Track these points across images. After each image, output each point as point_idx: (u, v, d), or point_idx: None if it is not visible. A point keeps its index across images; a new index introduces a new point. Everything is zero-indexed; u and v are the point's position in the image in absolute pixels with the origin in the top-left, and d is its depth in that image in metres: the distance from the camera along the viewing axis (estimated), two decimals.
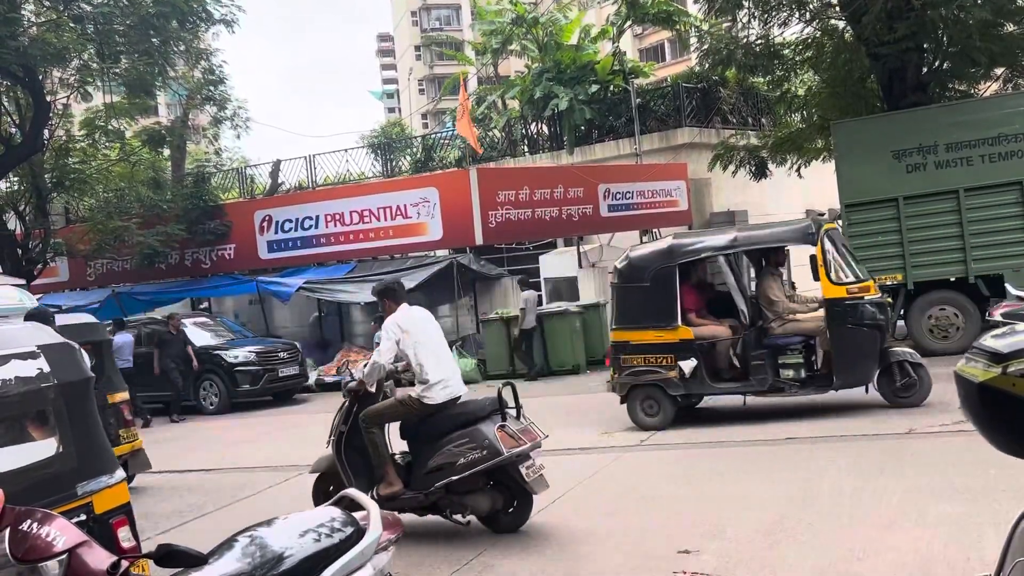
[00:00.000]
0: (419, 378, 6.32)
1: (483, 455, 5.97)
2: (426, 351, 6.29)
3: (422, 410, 6.29)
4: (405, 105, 72.35)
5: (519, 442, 6.08)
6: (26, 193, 17.89)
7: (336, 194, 19.57)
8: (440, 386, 6.25)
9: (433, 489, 6.11)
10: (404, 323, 6.32)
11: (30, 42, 14.26)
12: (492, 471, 6.06)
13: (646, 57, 47.17)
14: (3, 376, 3.88)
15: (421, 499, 6.17)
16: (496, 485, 6.17)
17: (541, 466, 6.27)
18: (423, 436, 6.32)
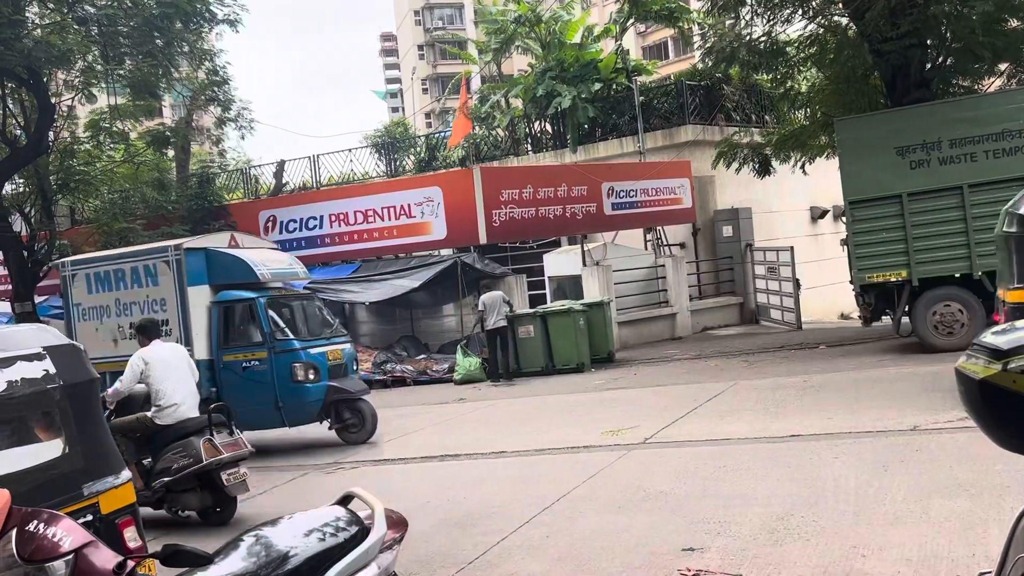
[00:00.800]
0: (154, 402, 7.63)
1: (190, 462, 7.31)
2: (163, 381, 7.58)
3: (153, 427, 7.60)
4: (409, 104, 72.39)
5: (220, 452, 7.40)
6: (31, 195, 17.95)
7: (340, 194, 19.60)
8: (171, 410, 7.57)
9: (157, 487, 7.39)
10: (147, 357, 7.62)
11: (34, 44, 14.29)
12: (201, 475, 7.35)
13: (649, 55, 47.12)
14: (9, 377, 3.90)
15: (149, 495, 7.38)
16: (205, 487, 7.46)
17: (244, 473, 7.60)
18: (158, 446, 7.62)
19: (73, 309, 11.81)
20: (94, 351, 10.63)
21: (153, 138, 18.73)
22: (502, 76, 33.48)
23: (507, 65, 36.59)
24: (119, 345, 11.24)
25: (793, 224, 22.72)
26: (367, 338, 19.53)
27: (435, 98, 60.34)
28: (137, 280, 11.34)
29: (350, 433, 10.76)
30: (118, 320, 11.38)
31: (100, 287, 11.63)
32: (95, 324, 11.62)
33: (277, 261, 12.06)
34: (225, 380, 10.77)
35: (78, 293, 11.79)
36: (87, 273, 11.77)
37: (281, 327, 10.77)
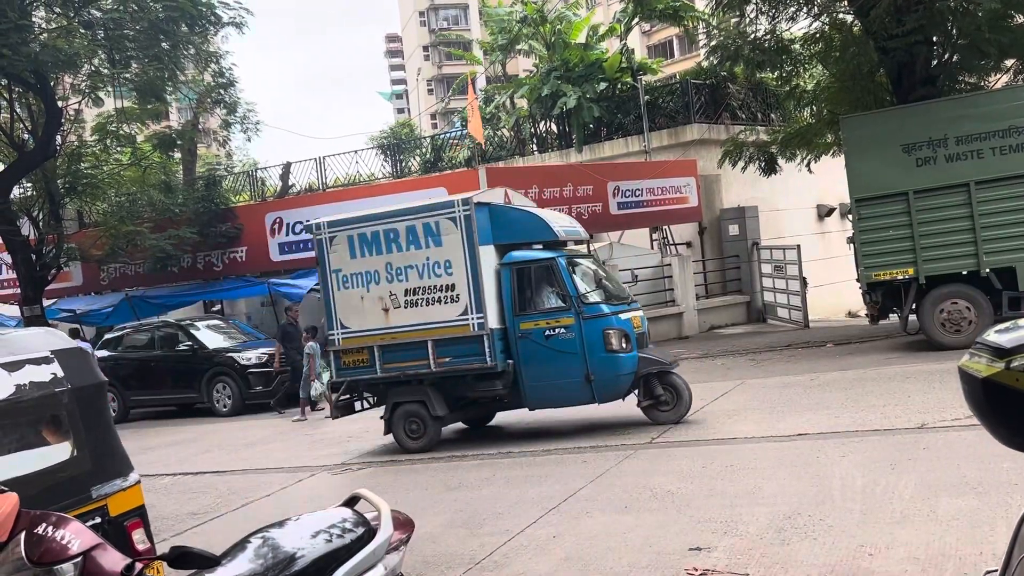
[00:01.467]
0: None
1: None
2: None
3: None
4: (414, 105, 72.46)
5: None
6: (39, 198, 18.01)
7: (346, 195, 19.61)
8: None
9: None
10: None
11: (41, 49, 14.33)
12: None
13: (654, 54, 47.07)
14: (17, 381, 3.93)
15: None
16: None
17: None
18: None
19: (331, 276, 10.38)
20: (358, 323, 10.18)
21: (160, 141, 18.76)
22: (507, 76, 33.51)
23: (512, 65, 36.63)
24: (390, 315, 10.07)
25: (800, 222, 22.66)
26: None
27: (440, 99, 60.37)
28: (414, 240, 9.98)
29: (661, 411, 9.63)
30: (389, 287, 10.06)
31: (367, 250, 10.20)
32: (359, 292, 10.22)
33: (562, 219, 11.09)
34: (524, 351, 9.69)
35: (338, 258, 10.33)
36: (350, 235, 10.29)
37: (587, 290, 9.69)
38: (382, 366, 10.08)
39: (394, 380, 10.09)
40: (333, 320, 10.38)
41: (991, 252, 12.28)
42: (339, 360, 10.41)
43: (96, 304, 20.42)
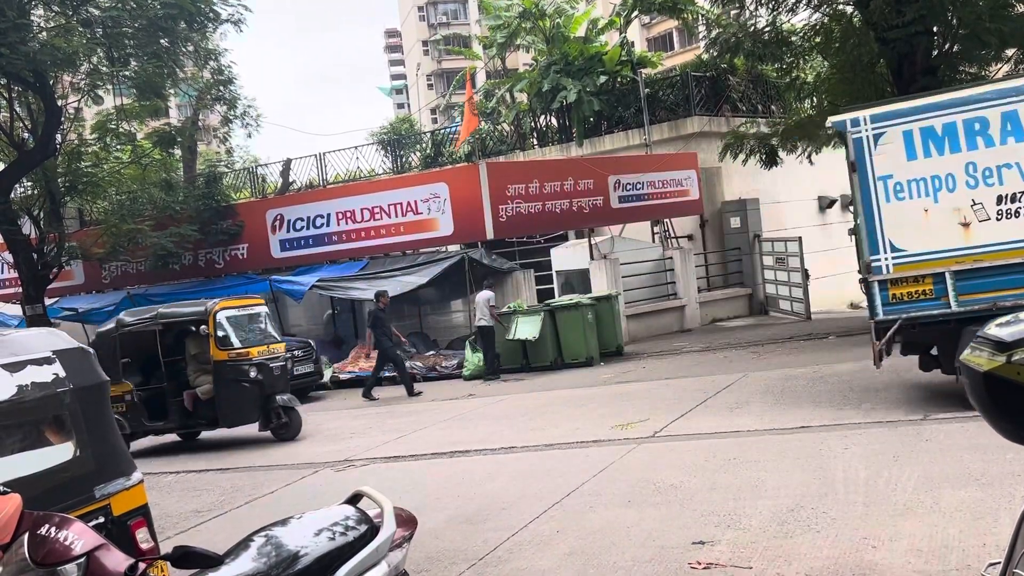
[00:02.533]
0: None
1: None
2: None
3: None
4: (414, 101, 72.37)
5: None
6: (40, 197, 18.01)
7: (347, 192, 19.62)
8: None
9: None
10: None
11: (40, 47, 14.32)
12: None
13: (654, 47, 46.97)
14: (20, 382, 3.93)
15: None
16: None
17: None
18: None
19: (875, 185, 8.48)
20: (919, 243, 8.26)
21: (159, 138, 18.76)
22: (507, 71, 33.45)
23: (511, 60, 36.57)
24: (972, 231, 8.06)
25: (801, 214, 22.64)
26: None
27: (440, 94, 60.27)
28: (1017, 129, 7.94)
29: None
30: (971, 193, 8.05)
31: (936, 147, 8.21)
32: (921, 204, 8.28)
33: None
34: None
35: (887, 161, 8.40)
36: (907, 129, 8.31)
37: None
38: (957, 298, 8.09)
39: (975, 315, 7.88)
40: (877, 241, 8.52)
41: None
42: (886, 292, 8.46)
43: (98, 303, 20.45)
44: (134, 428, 11.53)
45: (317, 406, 15.50)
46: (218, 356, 11.35)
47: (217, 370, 11.36)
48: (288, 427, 11.64)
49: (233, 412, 11.42)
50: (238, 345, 11.50)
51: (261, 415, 11.53)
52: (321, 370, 17.03)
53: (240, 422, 11.57)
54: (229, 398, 11.34)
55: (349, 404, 15.03)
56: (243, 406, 11.38)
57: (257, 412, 11.49)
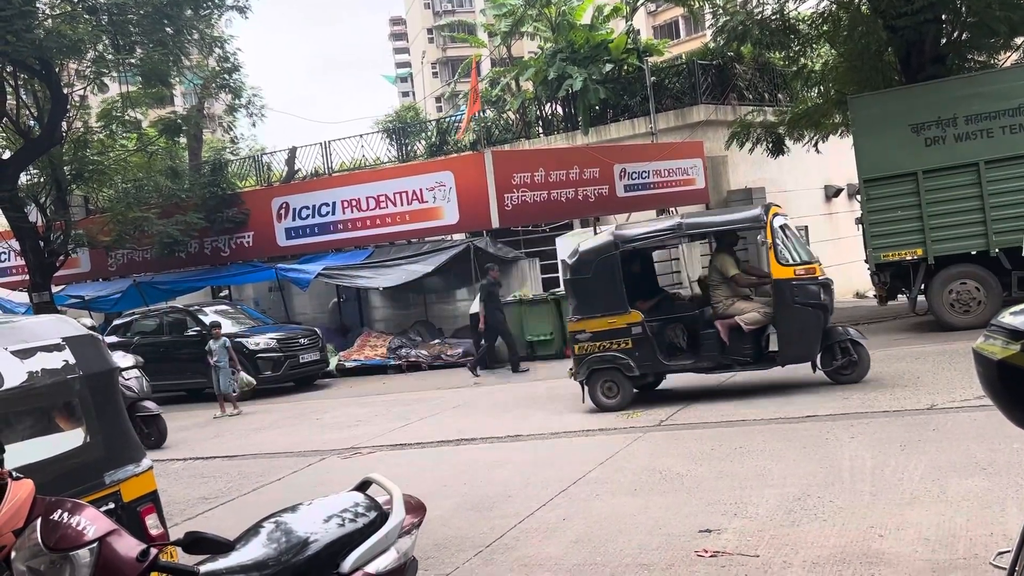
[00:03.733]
0: None
1: None
2: None
3: None
4: (419, 89, 72.21)
5: None
6: (46, 185, 18.04)
7: (352, 180, 19.61)
8: None
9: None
10: None
11: (46, 35, 14.32)
12: None
13: (660, 34, 46.76)
14: (30, 368, 3.94)
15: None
16: None
17: None
18: None
19: None
20: None
21: (165, 126, 18.76)
22: (512, 59, 33.34)
23: (517, 47, 36.43)
24: None
25: (807, 203, 22.56)
26: (381, 323, 19.59)
27: (445, 82, 60.14)
28: None
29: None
30: None
31: None
32: None
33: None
34: None
35: None
36: None
37: None
38: None
39: None
40: None
41: (1000, 232, 12.22)
42: None
43: (104, 290, 20.50)
44: (643, 368, 9.75)
45: (323, 394, 15.56)
46: (780, 273, 9.27)
47: (778, 292, 9.26)
48: (856, 366, 9.43)
49: (795, 345, 9.23)
50: (800, 260, 9.40)
51: (823, 350, 9.42)
52: (327, 358, 17.07)
53: (800, 358, 9.47)
54: (792, 328, 9.20)
55: (355, 392, 15.07)
56: (807, 337, 9.21)
57: (819, 346, 9.33)
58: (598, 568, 5.11)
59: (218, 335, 14.12)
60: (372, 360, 17.27)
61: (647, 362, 9.73)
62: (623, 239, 10.03)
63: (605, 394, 9.93)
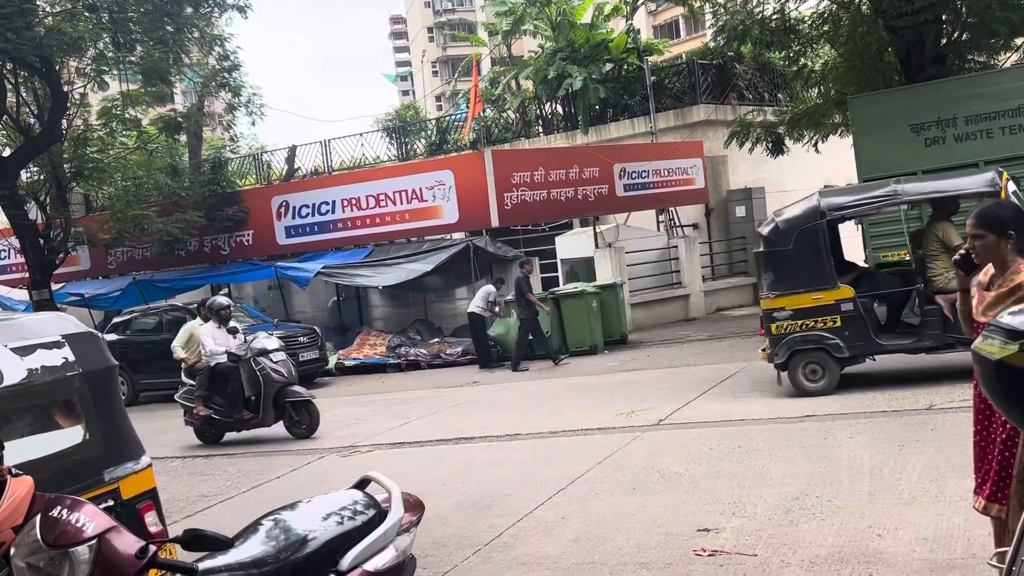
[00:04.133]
0: None
1: None
2: None
3: None
4: (419, 88, 72.21)
5: None
6: (46, 183, 18.03)
7: (352, 178, 19.61)
8: None
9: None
10: None
11: (46, 32, 14.31)
12: None
13: (660, 34, 46.76)
14: (30, 365, 3.95)
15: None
16: None
17: None
18: None
19: None
20: None
21: (165, 124, 18.75)
22: (512, 58, 33.35)
23: (517, 47, 36.44)
24: None
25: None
26: (380, 322, 19.59)
27: (445, 81, 60.12)
28: None
29: None
30: None
31: None
32: None
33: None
34: None
35: None
36: None
37: None
38: None
39: None
40: None
41: None
42: None
43: (104, 288, 20.49)
44: (854, 349, 9.06)
45: (322, 392, 15.53)
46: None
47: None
48: None
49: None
50: None
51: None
52: (326, 356, 17.07)
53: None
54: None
55: (354, 390, 15.07)
56: None
57: None
58: (596, 567, 5.12)
59: None
60: (371, 359, 17.27)
61: (859, 342, 8.94)
62: (831, 207, 9.20)
63: (808, 377, 9.19)
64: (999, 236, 3.61)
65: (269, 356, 10.53)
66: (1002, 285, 3.61)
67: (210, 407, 10.84)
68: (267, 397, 10.40)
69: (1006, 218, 3.66)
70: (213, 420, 10.87)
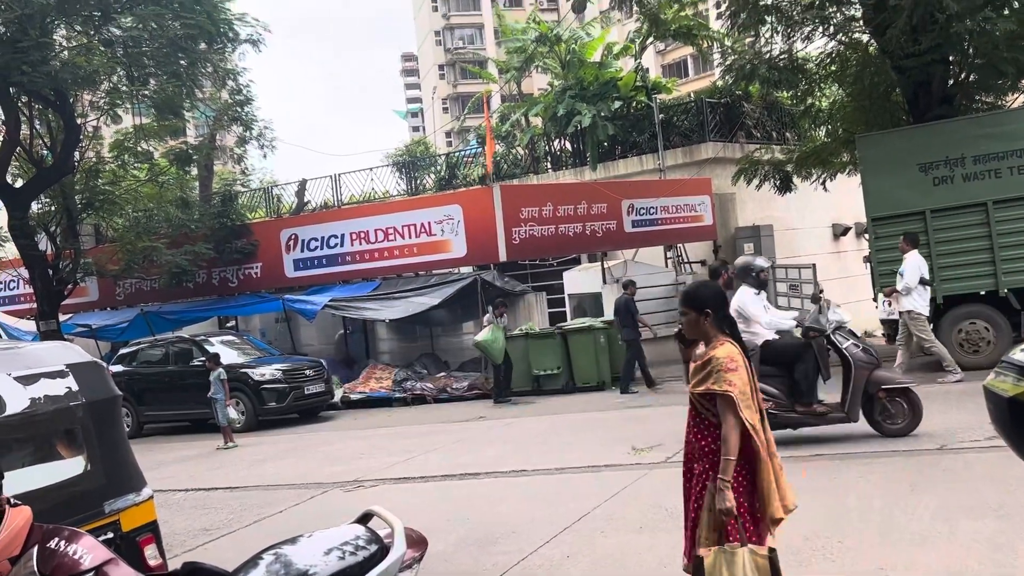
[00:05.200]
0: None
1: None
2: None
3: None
4: (429, 124, 72.89)
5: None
6: (57, 214, 18.17)
7: (361, 212, 19.70)
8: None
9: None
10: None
11: (61, 66, 14.51)
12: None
13: (669, 73, 47.19)
14: (32, 395, 3.93)
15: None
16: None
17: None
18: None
19: None
20: None
21: (176, 157, 18.94)
22: (522, 95, 33.66)
23: (527, 84, 36.79)
24: None
25: (815, 241, 22.56)
26: (387, 356, 19.57)
27: (455, 117, 60.67)
28: None
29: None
30: None
31: None
32: None
33: None
34: None
35: None
36: None
37: None
38: None
39: None
40: None
41: (1010, 272, 12.17)
42: None
43: (111, 319, 20.54)
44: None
45: (328, 426, 15.49)
46: None
47: None
48: None
49: None
50: None
51: None
52: (332, 390, 17.02)
53: None
54: None
55: (360, 424, 15.00)
56: None
57: None
58: None
59: (213, 367, 14.14)
60: (377, 392, 17.22)
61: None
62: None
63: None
64: (699, 313, 4.09)
65: (845, 331, 8.54)
66: (700, 359, 4.07)
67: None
68: (857, 384, 8.29)
69: (705, 297, 4.15)
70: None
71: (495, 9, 46.31)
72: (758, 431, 3.96)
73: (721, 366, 3.93)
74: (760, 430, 3.98)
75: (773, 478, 4.01)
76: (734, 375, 3.91)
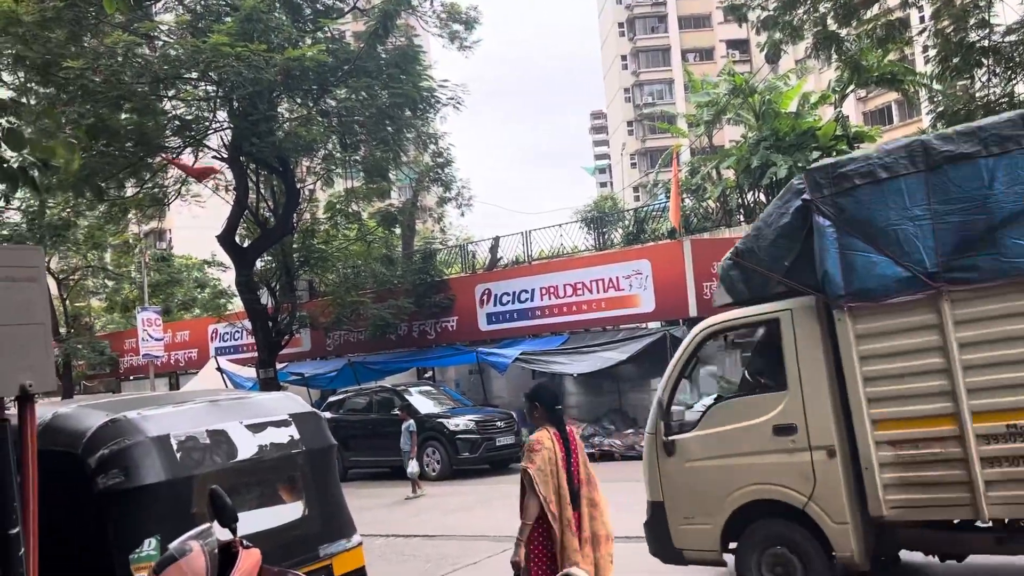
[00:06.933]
0: None
1: None
2: None
3: None
4: (617, 179, 73.35)
5: None
6: (277, 271, 19.74)
7: (550, 268, 20.03)
8: None
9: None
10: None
11: (284, 136, 15.88)
12: None
13: (871, 120, 45.01)
14: (260, 442, 4.28)
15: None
16: None
17: None
18: None
19: None
20: None
21: (383, 217, 20.15)
22: (713, 147, 33.18)
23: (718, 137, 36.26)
24: None
25: None
26: (575, 410, 19.57)
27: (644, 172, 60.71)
28: None
29: None
30: None
31: None
32: None
33: None
34: None
35: None
36: None
37: None
38: None
39: None
40: None
41: None
42: None
43: (322, 368, 21.88)
44: None
45: (517, 478, 15.62)
46: None
47: None
48: None
49: None
50: None
51: None
52: (521, 442, 17.20)
53: None
54: None
55: None
56: None
57: None
58: None
59: (404, 418, 14.72)
60: None
61: None
62: None
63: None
64: (531, 404, 5.52)
65: None
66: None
67: None
68: None
69: (533, 392, 5.63)
70: None
71: (685, 65, 46.26)
72: (550, 503, 4.88)
73: (529, 447, 5.04)
74: (555, 504, 4.90)
75: (560, 546, 4.92)
76: (536, 455, 4.96)
